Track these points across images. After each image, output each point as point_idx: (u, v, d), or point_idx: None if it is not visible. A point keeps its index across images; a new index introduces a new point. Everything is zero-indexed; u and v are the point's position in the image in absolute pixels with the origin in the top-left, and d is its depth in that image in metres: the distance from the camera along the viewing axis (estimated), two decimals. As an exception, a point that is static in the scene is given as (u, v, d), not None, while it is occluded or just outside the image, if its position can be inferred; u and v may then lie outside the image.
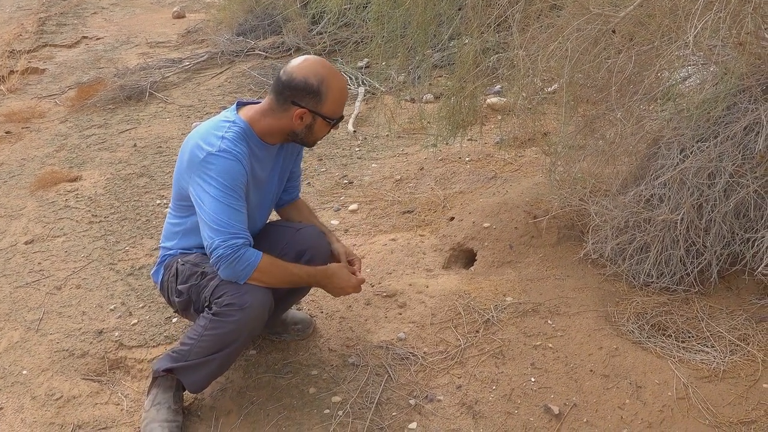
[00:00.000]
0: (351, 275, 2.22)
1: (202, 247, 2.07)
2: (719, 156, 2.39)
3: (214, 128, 2.06)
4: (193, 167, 2.03)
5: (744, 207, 2.41)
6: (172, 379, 2.16)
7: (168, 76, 6.00)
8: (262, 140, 2.13)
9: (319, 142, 2.24)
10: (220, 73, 6.09)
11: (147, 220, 3.56)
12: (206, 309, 2.07)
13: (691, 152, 2.45)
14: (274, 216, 2.47)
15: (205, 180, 2.00)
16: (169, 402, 2.14)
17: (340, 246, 2.37)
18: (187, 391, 2.22)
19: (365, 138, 4.51)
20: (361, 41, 3.80)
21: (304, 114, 2.05)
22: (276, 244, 2.28)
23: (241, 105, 2.17)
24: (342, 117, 2.14)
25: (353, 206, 3.54)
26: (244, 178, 2.04)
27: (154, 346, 2.56)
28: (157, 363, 2.20)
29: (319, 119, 2.08)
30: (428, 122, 4.38)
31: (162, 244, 2.31)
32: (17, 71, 6.48)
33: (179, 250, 2.24)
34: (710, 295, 2.55)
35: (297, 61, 2.05)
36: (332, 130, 2.16)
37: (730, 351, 2.27)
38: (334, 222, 3.40)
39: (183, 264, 2.17)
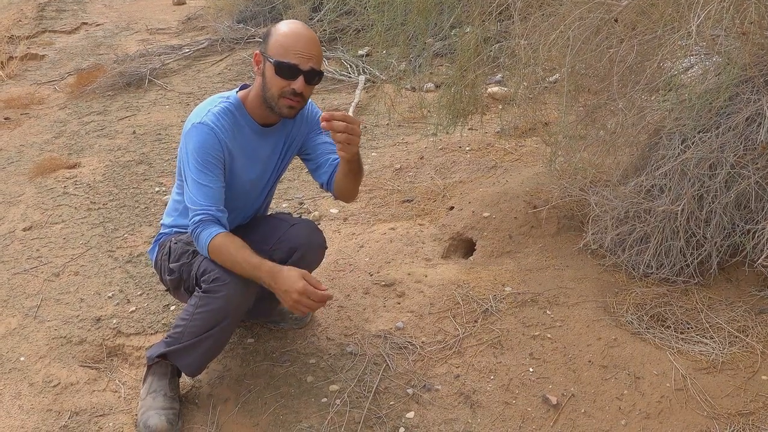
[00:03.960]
0: (300, 279, 1.91)
1: None
2: (721, 147, 2.38)
3: (209, 103, 2.12)
4: (183, 137, 2.11)
5: (745, 198, 2.40)
6: (167, 365, 2.16)
7: (168, 63, 5.98)
8: (253, 118, 2.14)
9: (285, 104, 2.04)
10: (221, 60, 6.06)
11: (146, 207, 3.54)
12: (196, 288, 2.08)
13: (693, 143, 2.43)
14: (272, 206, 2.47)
15: (186, 152, 2.07)
16: (165, 389, 2.13)
17: None
18: (183, 379, 2.22)
19: (365, 127, 4.49)
20: (362, 29, 3.79)
21: (258, 58, 2.05)
22: (270, 238, 2.27)
23: (243, 87, 2.20)
24: (291, 66, 1.97)
25: (353, 195, 3.52)
26: (219, 152, 2.06)
27: (152, 334, 2.55)
28: (151, 350, 2.20)
29: (267, 63, 2.01)
30: (429, 111, 4.37)
31: (163, 221, 2.36)
32: (16, 57, 6.45)
33: (174, 228, 2.28)
34: (710, 287, 2.54)
35: None
36: (289, 85, 1.99)
37: (729, 342, 2.26)
38: (334, 210, 3.39)
39: (176, 243, 2.20)
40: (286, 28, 2.02)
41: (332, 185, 2.30)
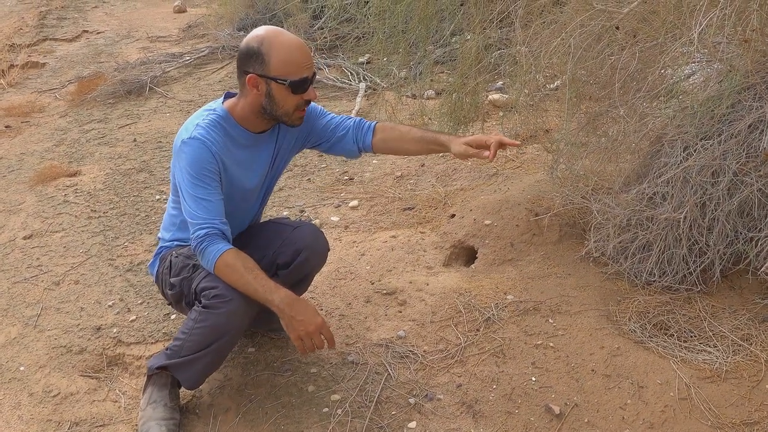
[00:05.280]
0: (318, 314, 1.99)
1: None
2: (723, 154, 2.37)
3: (196, 117, 2.09)
4: (174, 155, 2.08)
5: (748, 206, 2.39)
6: (167, 376, 2.15)
7: (168, 71, 5.98)
8: (246, 128, 2.11)
9: (299, 116, 2.09)
10: (221, 68, 6.06)
11: (146, 215, 3.54)
12: (196, 302, 2.06)
13: (695, 150, 2.42)
14: (273, 211, 2.46)
15: (180, 169, 2.03)
16: (165, 400, 2.12)
17: (460, 141, 2.17)
18: (183, 389, 2.20)
19: (366, 134, 4.48)
20: (363, 37, 3.79)
21: (256, 81, 1.99)
22: (272, 242, 2.27)
23: (228, 96, 2.16)
24: (303, 80, 2.00)
25: (354, 203, 3.52)
26: (213, 165, 2.03)
27: (152, 343, 2.54)
28: (152, 361, 2.19)
29: (273, 84, 1.99)
30: (430, 118, 4.36)
31: (160, 235, 2.33)
32: (17, 65, 6.46)
33: (175, 242, 2.25)
34: (713, 295, 2.53)
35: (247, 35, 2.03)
36: (303, 98, 2.03)
37: (732, 351, 2.25)
38: (334, 218, 3.38)
39: (176, 257, 2.18)
40: (279, 43, 1.97)
41: (372, 145, 2.30)
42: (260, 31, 2.00)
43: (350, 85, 5.34)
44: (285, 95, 2.01)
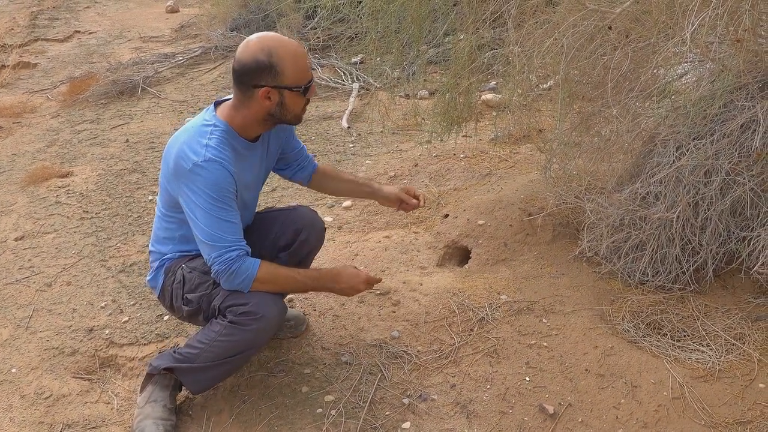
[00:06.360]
0: (358, 273, 2.16)
1: None
2: (715, 154, 2.37)
3: (198, 134, 2.00)
4: (180, 177, 1.99)
5: (740, 205, 2.40)
6: (171, 378, 2.15)
7: (161, 71, 5.96)
8: (244, 137, 2.08)
9: (304, 116, 2.13)
10: (214, 68, 6.05)
11: (139, 216, 3.52)
12: (220, 317, 2.05)
13: (687, 150, 2.43)
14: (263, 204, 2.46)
15: (195, 192, 1.96)
16: (165, 401, 2.12)
17: (392, 189, 2.43)
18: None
19: (359, 134, 4.48)
20: (356, 37, 3.78)
21: (269, 92, 1.98)
22: (271, 228, 2.28)
23: (218, 104, 2.12)
24: (310, 82, 2.02)
25: (347, 203, 3.51)
26: (232, 186, 1.99)
27: (145, 344, 2.53)
28: (156, 360, 2.17)
29: (286, 92, 1.99)
30: (423, 118, 4.36)
31: (155, 248, 2.24)
32: (9, 66, 6.43)
33: (179, 253, 2.20)
34: (706, 294, 2.53)
35: (242, 46, 1.98)
36: (309, 98, 2.06)
37: (725, 350, 2.26)
38: (328, 219, 3.37)
39: (190, 272, 2.13)
40: (287, 52, 1.95)
41: (312, 182, 2.48)
42: (261, 41, 1.96)
43: (343, 85, 5.33)
44: (297, 100, 2.02)
